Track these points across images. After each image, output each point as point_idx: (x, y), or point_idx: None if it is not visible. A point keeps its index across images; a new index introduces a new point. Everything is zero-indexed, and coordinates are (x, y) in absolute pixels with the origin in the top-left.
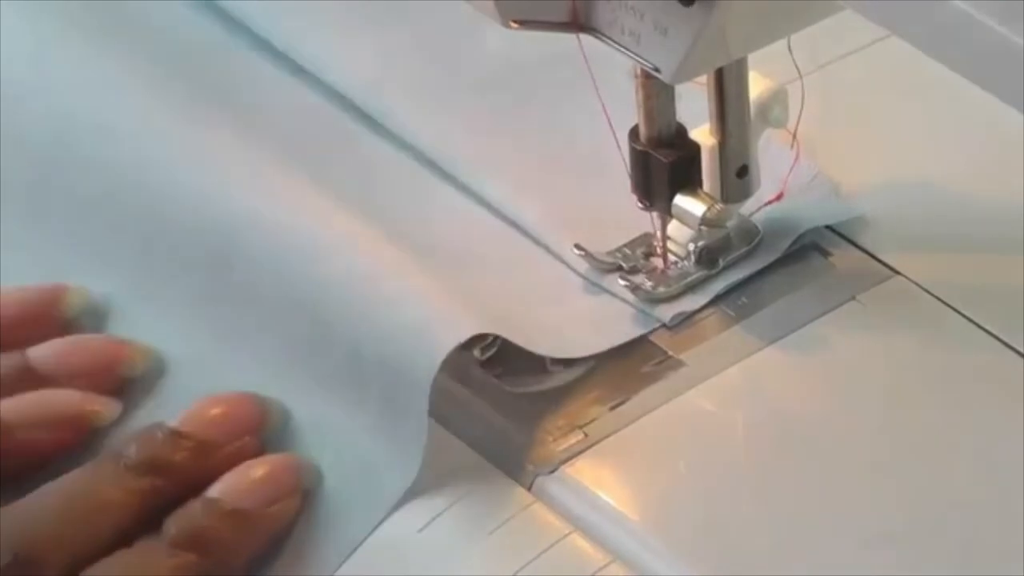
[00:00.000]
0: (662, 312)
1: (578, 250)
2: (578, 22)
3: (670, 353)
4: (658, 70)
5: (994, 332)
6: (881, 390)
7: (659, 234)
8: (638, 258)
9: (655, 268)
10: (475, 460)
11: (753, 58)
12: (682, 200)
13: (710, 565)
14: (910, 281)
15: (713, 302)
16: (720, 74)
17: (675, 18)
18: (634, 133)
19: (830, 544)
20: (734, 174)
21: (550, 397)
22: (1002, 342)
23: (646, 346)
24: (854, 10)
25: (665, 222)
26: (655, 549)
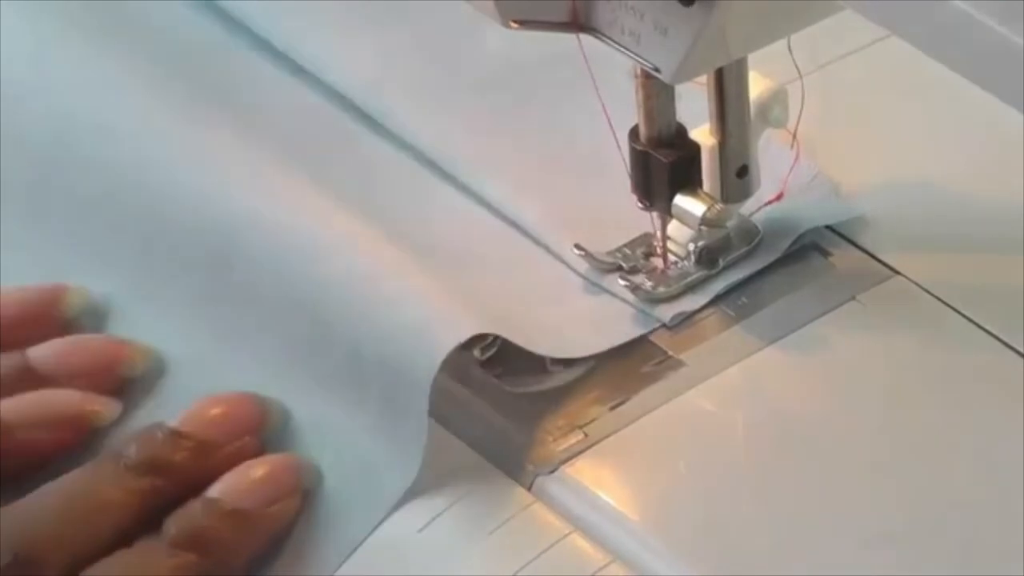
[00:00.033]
0: (662, 312)
1: (578, 250)
2: (578, 22)
3: (670, 353)
4: (658, 70)
5: (994, 332)
6: (881, 390)
7: (659, 234)
8: (638, 258)
9: (655, 268)
10: (475, 460)
11: (753, 58)
12: (682, 200)
13: (710, 565)
14: (910, 281)
15: (713, 302)
16: (720, 74)
17: (675, 18)
18: (634, 133)
19: (830, 544)
20: (734, 174)
21: (550, 397)
22: (1002, 342)
23: (646, 346)
24: (854, 10)
25: (665, 222)
26: (655, 549)
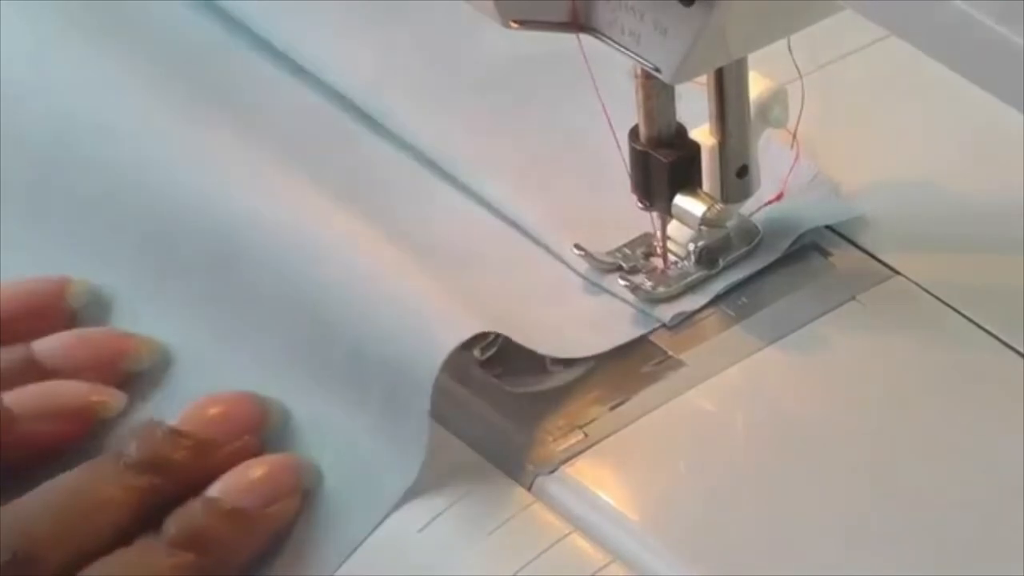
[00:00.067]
0: (662, 312)
1: (578, 250)
2: (578, 22)
3: (670, 353)
4: (658, 70)
5: (994, 332)
6: (881, 390)
7: (659, 234)
8: (638, 258)
9: (655, 268)
10: (475, 460)
11: (753, 58)
12: (682, 200)
13: (710, 565)
14: (910, 281)
15: (713, 302)
16: (720, 74)
17: (675, 18)
18: (634, 133)
19: (830, 544)
20: (734, 174)
21: (550, 397)
22: (1002, 342)
23: (646, 346)
24: (854, 10)
25: (665, 222)
26: (655, 549)
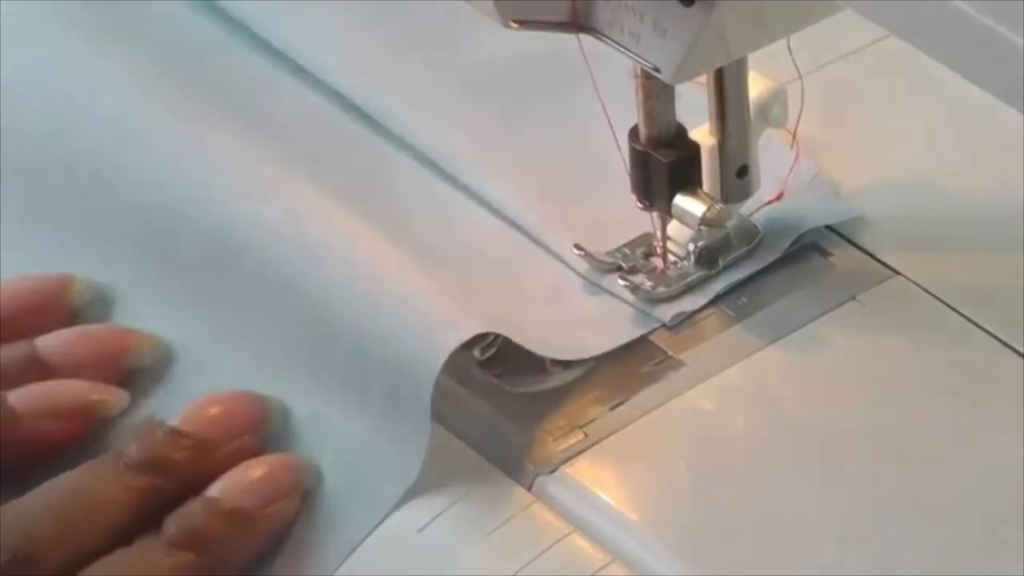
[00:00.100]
0: (662, 312)
1: (578, 250)
2: (578, 22)
3: (670, 353)
4: (658, 70)
5: (994, 332)
6: (881, 390)
7: (659, 234)
8: (638, 258)
9: (655, 268)
10: (475, 460)
11: (753, 58)
12: (682, 200)
13: (710, 565)
14: (910, 281)
15: (713, 302)
16: (720, 74)
17: (675, 18)
18: (634, 133)
19: (829, 544)
20: (734, 174)
21: (550, 397)
22: (1002, 342)
23: (646, 346)
24: (854, 10)
25: (665, 222)
26: (655, 549)
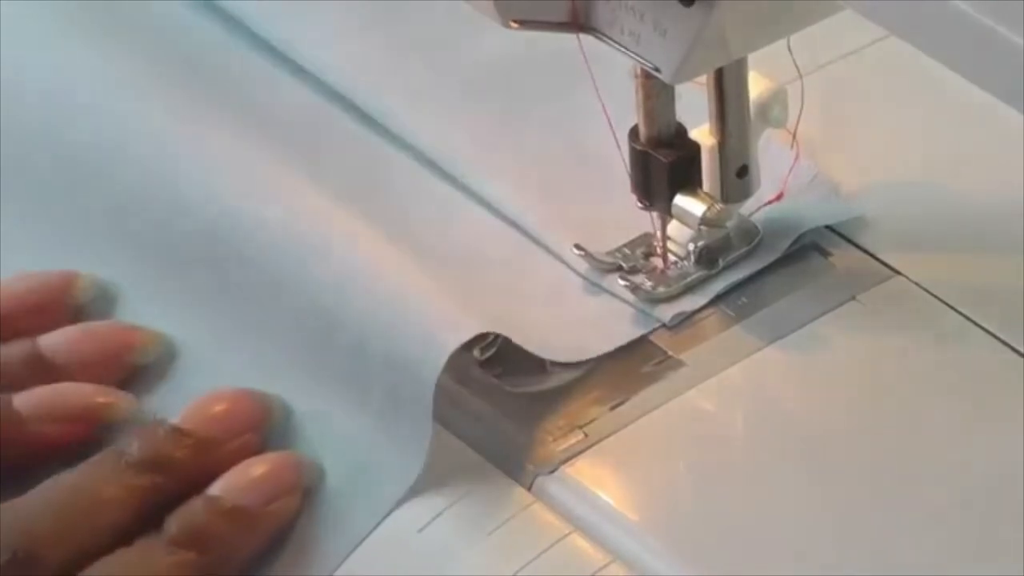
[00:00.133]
0: (662, 312)
1: (578, 250)
2: (578, 22)
3: (670, 353)
4: (658, 70)
5: (994, 332)
6: (881, 390)
7: (659, 234)
8: (638, 258)
9: (655, 268)
10: (475, 460)
11: (753, 58)
12: (682, 200)
13: (710, 565)
14: (910, 281)
15: (713, 302)
16: (720, 74)
17: (675, 18)
18: (634, 133)
19: (829, 543)
20: (734, 174)
21: (550, 397)
22: (1002, 342)
23: (646, 346)
24: (854, 10)
25: (665, 222)
26: (655, 549)
